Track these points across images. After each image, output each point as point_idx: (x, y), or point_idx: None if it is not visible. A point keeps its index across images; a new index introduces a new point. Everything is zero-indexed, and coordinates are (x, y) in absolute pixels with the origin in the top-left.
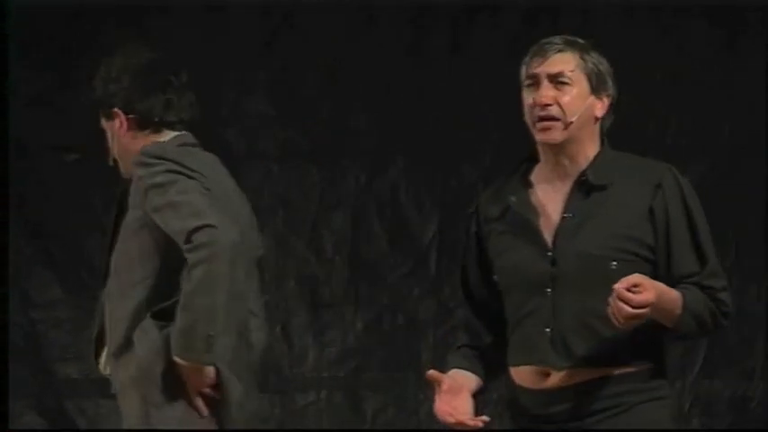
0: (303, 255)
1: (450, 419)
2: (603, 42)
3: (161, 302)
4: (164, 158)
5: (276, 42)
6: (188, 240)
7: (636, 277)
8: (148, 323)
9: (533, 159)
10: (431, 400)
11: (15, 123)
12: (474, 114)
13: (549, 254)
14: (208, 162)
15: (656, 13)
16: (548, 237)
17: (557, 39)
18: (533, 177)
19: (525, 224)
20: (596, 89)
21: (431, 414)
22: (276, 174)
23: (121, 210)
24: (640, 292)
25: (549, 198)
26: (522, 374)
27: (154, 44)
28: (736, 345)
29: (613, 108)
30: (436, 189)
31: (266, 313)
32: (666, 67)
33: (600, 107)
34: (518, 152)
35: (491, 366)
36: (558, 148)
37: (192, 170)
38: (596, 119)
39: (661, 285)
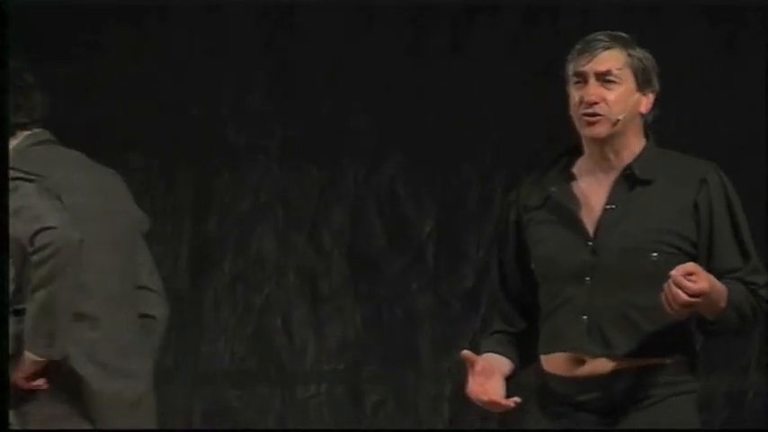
0: (303, 250)
1: (484, 398)
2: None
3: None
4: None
5: (275, 42)
6: (31, 243)
7: (691, 266)
8: (10, 320)
9: (574, 152)
10: (429, 394)
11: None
12: (472, 113)
13: (590, 243)
14: (57, 158)
15: (657, 13)
16: (589, 227)
17: (602, 35)
18: (576, 169)
19: (566, 213)
20: (642, 86)
21: (429, 407)
22: (276, 172)
23: None
24: (695, 281)
25: (593, 190)
26: (554, 361)
27: (155, 44)
28: (733, 341)
29: (657, 102)
30: (434, 185)
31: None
32: (666, 67)
33: (645, 103)
34: (516, 150)
35: (523, 353)
36: (604, 142)
37: (31, 173)
38: (641, 114)
39: (712, 277)
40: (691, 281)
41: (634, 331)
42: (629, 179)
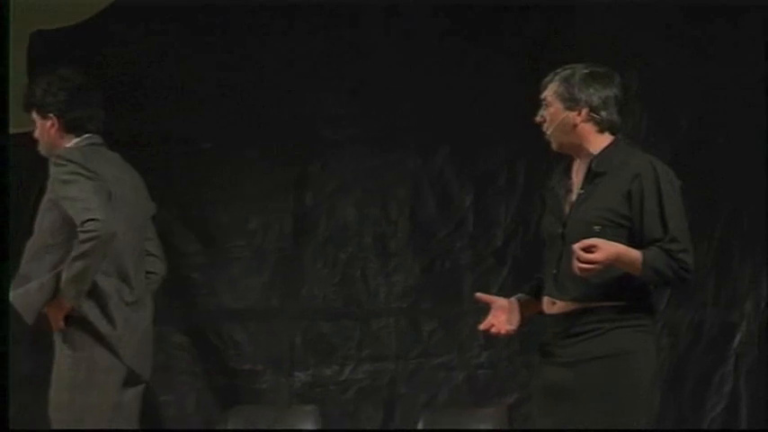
0: (376, 218)
1: (485, 327)
2: (603, 42)
3: (62, 262)
4: (71, 161)
5: (355, 47)
6: (81, 226)
7: (593, 240)
8: (52, 279)
9: None
10: (469, 325)
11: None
12: (501, 113)
13: (563, 219)
14: (106, 159)
15: (655, 13)
16: (567, 207)
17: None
18: (574, 165)
19: (556, 198)
20: (569, 105)
21: (469, 335)
22: (355, 159)
23: (42, 190)
24: (593, 252)
25: (576, 181)
26: (544, 302)
27: (242, 44)
28: (694, 284)
29: (617, 110)
30: (473, 170)
31: (321, 259)
32: (666, 67)
33: (575, 117)
34: (534, 143)
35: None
36: (564, 147)
37: (91, 171)
38: (574, 126)
39: (622, 247)
40: (589, 251)
41: (583, 282)
42: (591, 172)
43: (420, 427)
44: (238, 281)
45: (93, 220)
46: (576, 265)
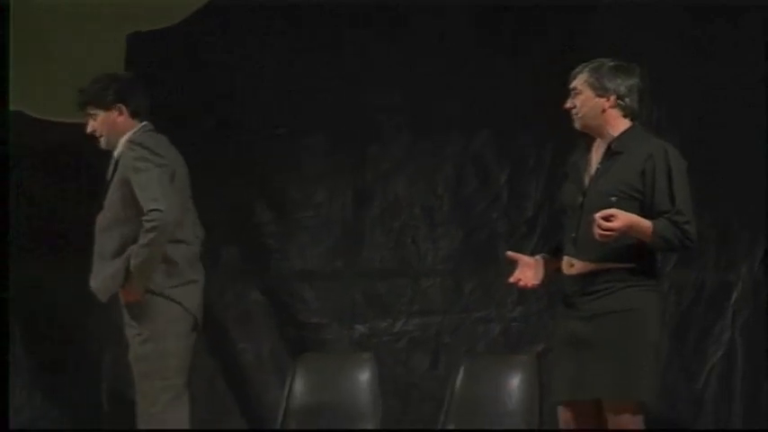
0: (424, 193)
1: (514, 280)
2: (604, 42)
3: (132, 238)
4: (142, 146)
5: (407, 47)
6: (146, 214)
7: (612, 210)
8: (121, 262)
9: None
10: (504, 283)
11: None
12: (531, 102)
13: (583, 190)
14: (164, 142)
15: (656, 13)
16: (586, 180)
17: (583, 65)
18: (594, 145)
19: (577, 171)
20: (599, 93)
21: (504, 292)
22: (406, 142)
23: (115, 169)
24: (611, 221)
25: (596, 157)
26: (563, 263)
27: (315, 47)
28: (697, 249)
29: (637, 99)
30: (508, 150)
31: (360, 227)
32: (666, 67)
33: (604, 102)
34: (558, 127)
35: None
36: (591, 129)
37: (160, 156)
38: (603, 111)
39: (635, 217)
40: (609, 220)
41: (600, 246)
42: (610, 151)
43: (461, 371)
44: (307, 247)
45: (156, 210)
46: (597, 231)
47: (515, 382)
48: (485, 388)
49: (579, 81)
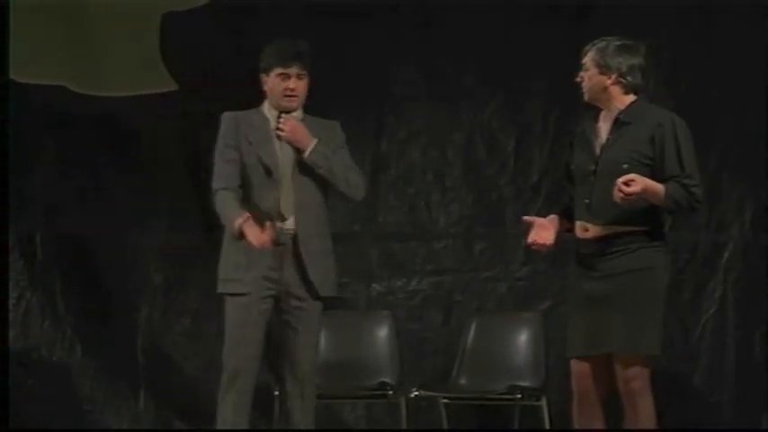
0: (437, 159)
1: (539, 241)
2: (616, 17)
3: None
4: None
5: (422, 23)
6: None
7: (631, 175)
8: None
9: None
10: (511, 243)
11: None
12: (537, 76)
13: (595, 159)
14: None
15: (656, 13)
16: (597, 149)
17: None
18: (601, 115)
19: (587, 140)
20: (602, 71)
21: (512, 250)
22: (421, 112)
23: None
24: (630, 185)
25: (604, 128)
26: (576, 227)
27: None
28: (694, 214)
29: (641, 75)
30: (515, 120)
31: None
32: (666, 67)
33: (606, 80)
34: (561, 99)
35: (570, 217)
36: (597, 102)
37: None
38: (605, 87)
39: (650, 181)
40: (628, 185)
41: (613, 209)
42: (619, 122)
43: (472, 327)
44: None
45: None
46: (618, 195)
47: (522, 337)
48: (494, 342)
49: (588, 58)
